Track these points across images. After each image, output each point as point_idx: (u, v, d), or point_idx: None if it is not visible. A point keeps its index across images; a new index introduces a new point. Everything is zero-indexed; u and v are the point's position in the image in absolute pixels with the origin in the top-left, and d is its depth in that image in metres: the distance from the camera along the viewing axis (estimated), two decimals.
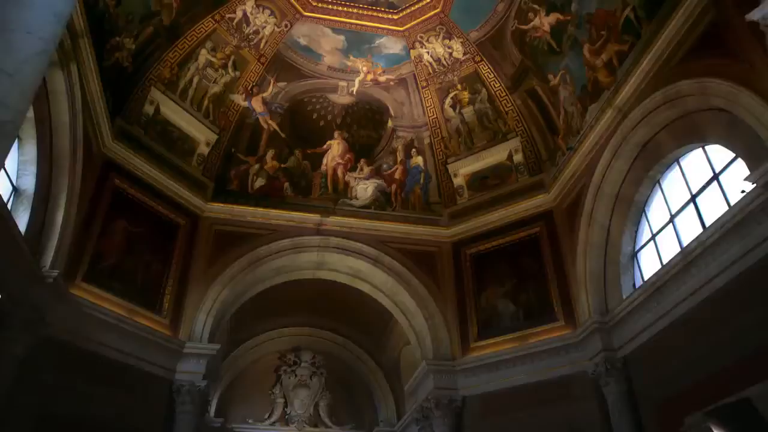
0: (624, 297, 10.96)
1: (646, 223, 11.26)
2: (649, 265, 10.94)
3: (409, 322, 13.98)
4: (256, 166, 14.58)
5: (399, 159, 15.30)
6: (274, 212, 14.01)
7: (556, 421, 11.15)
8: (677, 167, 10.50)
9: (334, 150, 15.20)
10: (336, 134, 15.31)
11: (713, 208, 9.22)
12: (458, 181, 14.92)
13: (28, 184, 9.52)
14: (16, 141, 9.34)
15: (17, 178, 9.47)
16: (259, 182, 14.46)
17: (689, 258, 9.00)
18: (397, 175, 15.20)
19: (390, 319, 15.72)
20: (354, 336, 18.35)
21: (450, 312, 13.44)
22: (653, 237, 10.90)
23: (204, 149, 13.99)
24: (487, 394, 12.22)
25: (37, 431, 9.09)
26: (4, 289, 8.67)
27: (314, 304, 17.10)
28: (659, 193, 10.98)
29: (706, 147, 9.70)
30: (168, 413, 11.10)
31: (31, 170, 9.53)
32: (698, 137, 9.68)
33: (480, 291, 13.47)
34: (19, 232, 8.70)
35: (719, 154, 9.37)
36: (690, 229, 9.74)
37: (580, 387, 11.23)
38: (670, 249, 10.15)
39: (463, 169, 14.89)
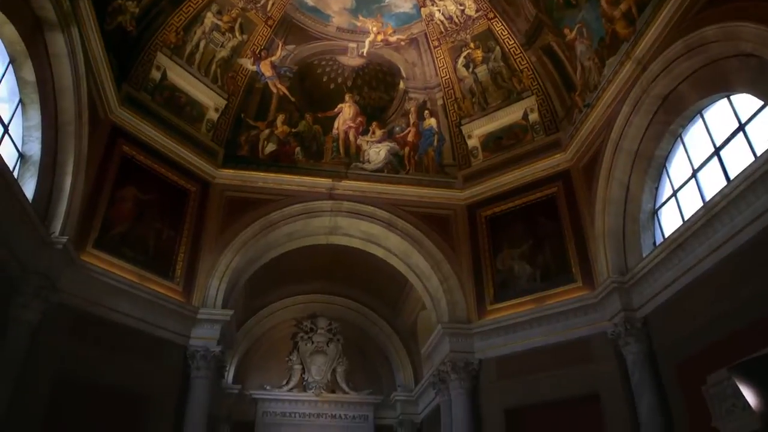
0: (644, 255, 10.65)
1: (667, 179, 10.88)
2: (670, 222, 10.60)
3: (424, 285, 13.82)
4: (267, 131, 14.35)
5: (411, 121, 14.95)
6: (285, 177, 13.83)
7: (574, 383, 11.01)
8: (700, 120, 10.08)
9: (346, 113, 14.89)
10: (347, 97, 14.98)
11: (738, 161, 8.82)
12: (472, 142, 14.57)
13: (34, 150, 9.39)
14: (20, 106, 9.21)
15: (23, 144, 9.35)
16: (270, 147, 14.24)
17: (712, 212, 8.66)
18: (409, 138, 14.88)
19: (406, 283, 15.58)
20: (370, 302, 18.27)
21: (465, 275, 13.24)
22: (674, 193, 10.53)
23: (213, 115, 13.77)
24: (504, 356, 12.07)
25: (54, 394, 9.13)
26: (14, 255, 8.63)
27: (329, 271, 17.01)
28: (681, 147, 10.58)
29: (732, 97, 9.26)
30: (183, 378, 11.14)
31: (36, 136, 9.40)
32: (723, 86, 9.23)
33: (496, 253, 13.24)
34: (26, 198, 8.64)
35: (745, 103, 8.93)
36: (713, 184, 9.37)
37: (598, 348, 11.03)
38: (692, 205, 9.79)
39: (477, 130, 14.52)
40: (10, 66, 8.97)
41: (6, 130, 8.77)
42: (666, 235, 10.30)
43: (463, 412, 11.81)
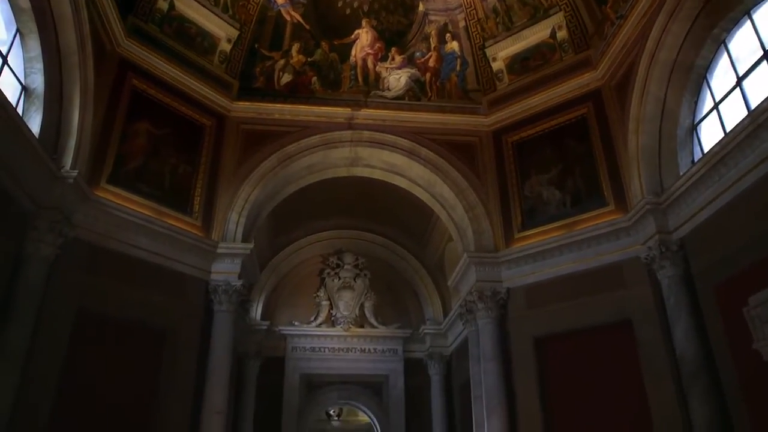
0: (681, 174, 9.99)
1: (708, 91, 10.08)
2: (710, 137, 9.88)
3: (449, 214, 13.41)
4: (282, 62, 13.78)
5: (432, 45, 14.16)
6: (302, 108, 13.35)
7: (606, 309, 10.62)
8: (747, 22, 9.19)
9: (363, 39, 14.19)
10: (364, 22, 14.22)
11: None
12: (497, 65, 13.79)
13: (38, 82, 9.09)
14: (18, 36, 8.85)
15: (25, 76, 9.04)
16: (286, 78, 13.71)
17: (759, 120, 7.92)
18: (431, 63, 14.14)
19: (431, 216, 15.22)
20: (396, 236, 18.00)
21: (492, 203, 12.77)
22: (716, 105, 9.76)
23: (226, 46, 13.24)
24: (533, 284, 11.72)
25: (75, 328, 9.16)
26: (25, 190, 8.49)
27: (353, 206, 16.72)
28: (724, 55, 9.72)
29: None
30: (206, 313, 11.10)
31: (39, 68, 9.07)
32: None
33: (524, 179, 12.69)
34: (30, 131, 8.43)
35: None
36: (760, 93, 8.58)
37: (631, 273, 10.56)
38: (735, 117, 9.01)
39: (502, 52, 13.69)
40: None
41: (5, 61, 8.45)
42: (706, 151, 9.60)
43: (491, 341, 11.58)
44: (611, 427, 10.07)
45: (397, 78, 14.00)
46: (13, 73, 8.71)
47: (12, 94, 8.61)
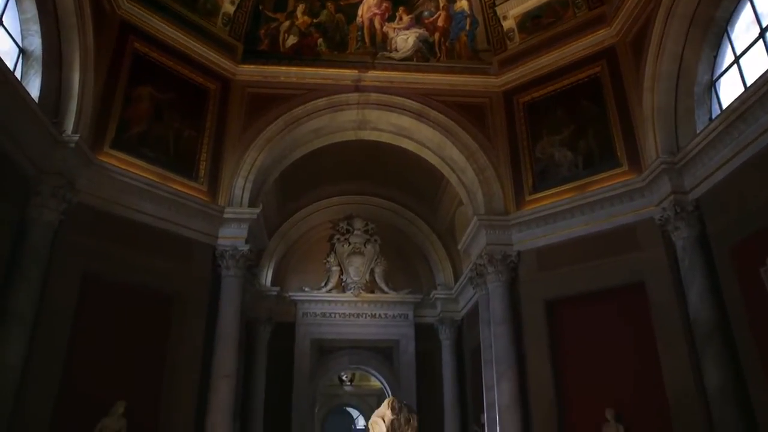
0: (698, 132, 9.66)
1: (729, 45, 9.68)
2: (729, 94, 9.50)
3: (459, 178, 13.17)
4: (287, 23, 13.44)
5: (441, 4, 13.73)
6: (308, 70, 13.06)
7: (618, 272, 10.43)
8: None
9: None
10: None
11: None
12: (508, 24, 13.35)
13: (35, 44, 8.93)
14: None
15: (22, 39, 8.86)
16: (291, 40, 13.38)
17: None
18: (439, 23, 13.73)
19: (441, 180, 14.98)
20: (406, 201, 17.79)
21: (502, 165, 12.52)
22: (737, 59, 9.37)
23: (229, 8, 12.90)
24: (544, 247, 11.53)
25: (82, 293, 9.16)
26: (26, 155, 8.39)
27: (362, 171, 16.50)
28: (747, 6, 9.29)
29: None
30: (214, 278, 11.07)
31: (35, 29, 8.91)
32: None
33: (535, 141, 12.39)
34: (29, 94, 8.31)
35: None
36: None
37: (645, 235, 10.34)
38: (757, 71, 8.63)
39: (513, 10, 13.24)
40: None
41: (0, 23, 8.25)
42: (725, 107, 9.24)
43: (502, 305, 11.46)
44: (623, 391, 9.97)
45: (404, 39, 13.63)
46: (9, 34, 8.52)
47: (9, 55, 8.43)
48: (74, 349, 8.85)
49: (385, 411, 4.20)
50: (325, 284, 17.48)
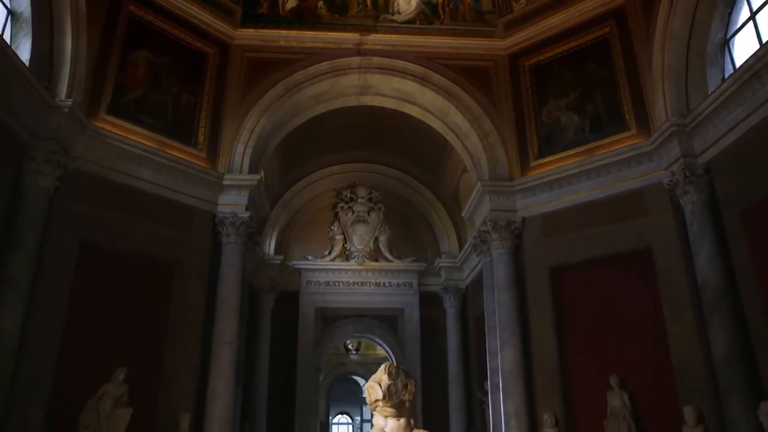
0: (710, 92, 9.35)
1: (744, 1, 9.29)
2: (744, 53, 9.16)
3: (463, 143, 12.91)
4: None
5: None
6: (308, 34, 12.73)
7: (625, 237, 10.24)
8: None
9: None
10: None
11: None
12: None
13: (24, 5, 8.68)
14: None
15: (10, 0, 8.58)
16: (291, 3, 13.00)
17: None
18: None
19: (446, 146, 14.69)
20: (410, 168, 17.54)
21: (507, 130, 12.24)
22: (753, 15, 9.01)
23: None
24: (549, 213, 11.33)
25: (80, 260, 9.08)
26: (19, 120, 8.23)
27: (365, 138, 16.21)
28: None
29: None
30: (214, 245, 10.97)
31: None
32: None
33: (541, 105, 12.09)
34: (18, 57, 8.10)
35: None
36: None
37: (652, 199, 10.11)
38: None
39: None
40: None
41: None
42: (738, 66, 8.91)
43: (505, 272, 11.32)
44: (627, 358, 9.86)
45: (407, 0, 13.23)
46: None
47: None
48: (74, 316, 8.80)
49: (381, 376, 4.05)
50: (329, 253, 17.35)
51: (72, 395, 8.58)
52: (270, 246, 16.70)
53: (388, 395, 4.03)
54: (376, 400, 4.02)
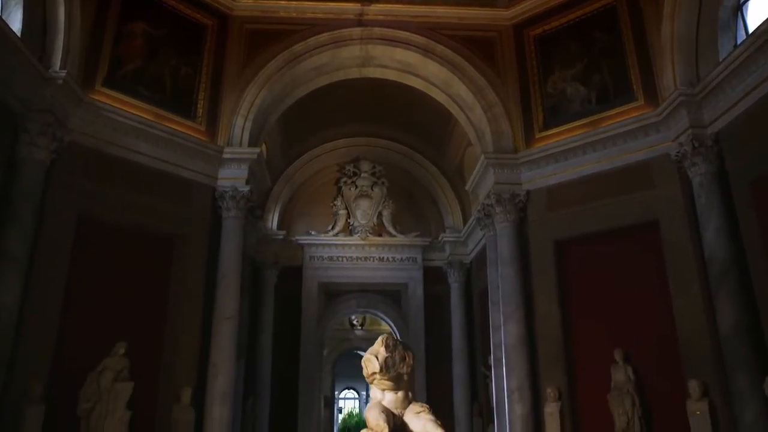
0: (721, 60, 9.08)
1: None
2: (758, 18, 8.87)
3: (467, 116, 12.68)
4: None
5: None
6: (308, 4, 12.43)
7: (631, 210, 10.07)
8: None
9: None
10: None
11: None
12: None
13: None
14: None
15: None
16: None
17: None
18: None
19: (450, 119, 14.46)
20: (414, 142, 17.30)
21: (512, 101, 12.00)
22: None
23: None
24: (554, 186, 11.16)
25: (80, 231, 9.00)
26: (12, 91, 8.09)
27: (369, 111, 15.95)
28: None
29: None
30: (214, 219, 10.87)
31: None
32: None
33: (546, 76, 11.83)
34: (8, 26, 7.91)
35: None
36: None
37: (659, 171, 9.92)
38: None
39: None
40: None
41: None
42: (752, 31, 8.63)
43: (509, 245, 11.18)
44: (632, 332, 9.75)
45: None
46: None
47: None
48: (73, 290, 8.75)
49: (378, 348, 3.94)
50: (332, 228, 17.24)
51: (72, 369, 8.55)
52: (273, 221, 16.59)
53: (386, 368, 3.92)
54: (373, 373, 3.91)
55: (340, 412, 34.44)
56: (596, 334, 10.15)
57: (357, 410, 34.23)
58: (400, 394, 3.95)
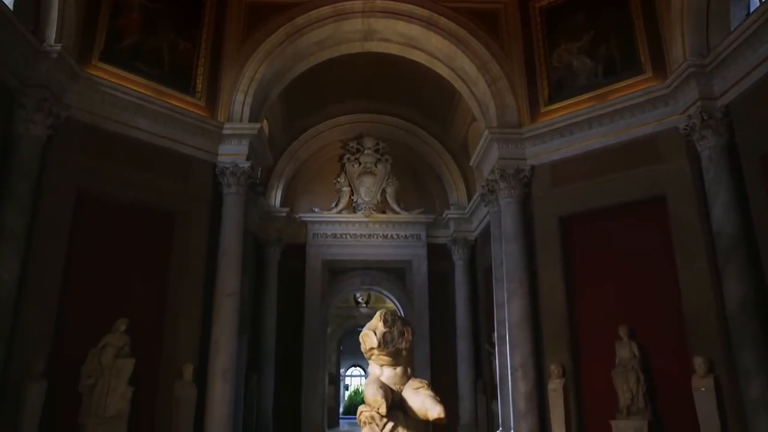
0: (732, 29, 8.83)
1: None
2: None
3: (471, 90, 12.46)
4: None
5: None
6: None
7: (638, 185, 9.89)
8: None
9: None
10: None
11: None
12: None
13: None
14: None
15: None
16: None
17: None
18: None
19: (454, 94, 14.23)
20: (417, 119, 17.09)
21: (517, 75, 11.76)
22: None
23: None
24: (559, 161, 10.96)
25: (78, 208, 8.91)
26: (6, 65, 7.97)
27: (372, 88, 15.74)
28: None
29: None
30: (215, 196, 10.76)
31: None
32: None
33: (552, 49, 11.56)
34: None
35: None
36: None
37: (667, 145, 9.70)
38: None
39: None
40: None
41: None
42: None
43: (513, 221, 11.04)
44: (638, 308, 9.66)
45: None
46: None
47: None
48: (72, 267, 8.69)
49: (377, 324, 3.85)
50: (336, 205, 17.13)
51: (73, 346, 8.53)
52: (276, 198, 16.50)
53: (384, 343, 3.83)
54: (371, 349, 3.81)
55: (347, 390, 34.68)
56: (601, 310, 10.05)
57: (363, 388, 34.44)
58: (399, 369, 3.86)
